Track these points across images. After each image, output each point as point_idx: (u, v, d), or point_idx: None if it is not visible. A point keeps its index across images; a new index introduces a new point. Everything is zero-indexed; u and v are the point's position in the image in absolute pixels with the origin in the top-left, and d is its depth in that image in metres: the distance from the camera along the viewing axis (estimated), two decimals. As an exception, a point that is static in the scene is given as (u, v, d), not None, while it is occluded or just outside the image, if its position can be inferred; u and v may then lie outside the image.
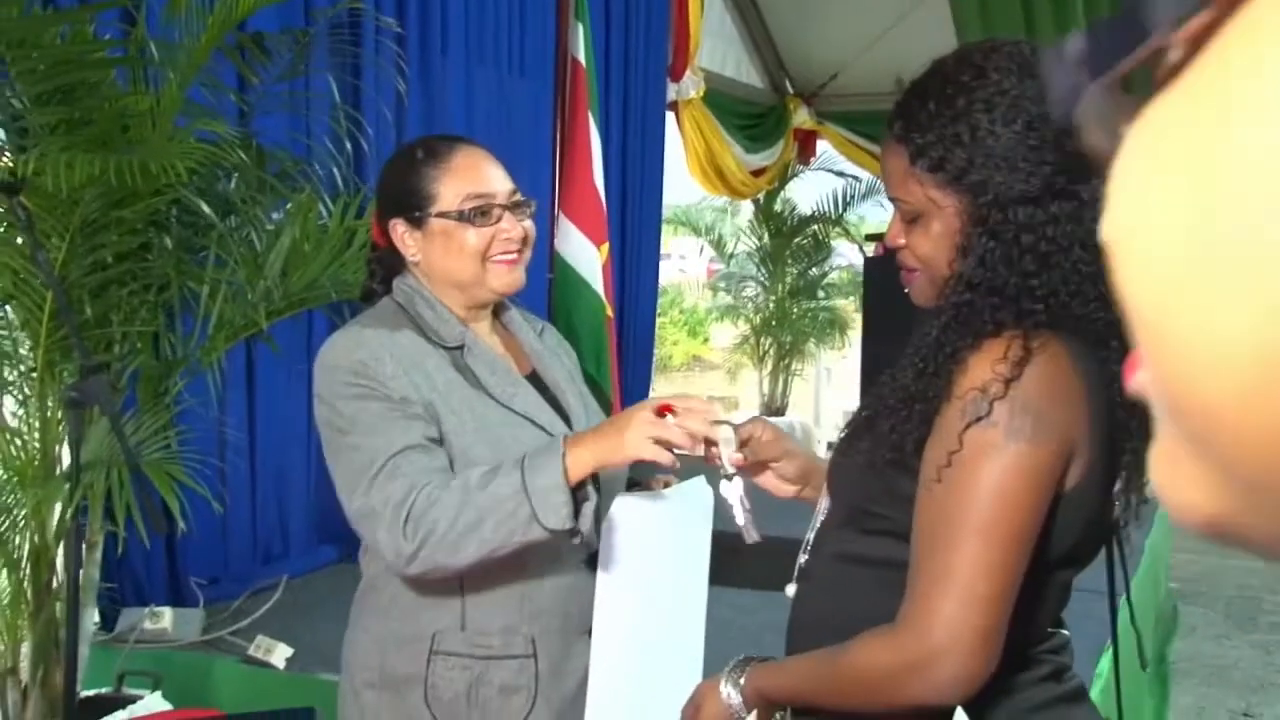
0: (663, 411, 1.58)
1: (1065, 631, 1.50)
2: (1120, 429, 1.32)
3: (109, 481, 2.37)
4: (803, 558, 1.53)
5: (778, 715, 1.49)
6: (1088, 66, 0.34)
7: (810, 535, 1.53)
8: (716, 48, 7.90)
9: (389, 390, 1.69)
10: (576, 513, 1.59)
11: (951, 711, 1.30)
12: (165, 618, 3.19)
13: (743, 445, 1.61)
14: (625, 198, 6.39)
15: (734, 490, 1.57)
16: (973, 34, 7.84)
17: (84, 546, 2.47)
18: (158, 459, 2.50)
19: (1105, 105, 0.33)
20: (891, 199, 1.41)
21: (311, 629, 3.29)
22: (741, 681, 1.49)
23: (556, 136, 5.54)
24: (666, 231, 9.00)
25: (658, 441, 1.56)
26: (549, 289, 5.33)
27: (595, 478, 1.65)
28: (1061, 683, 1.45)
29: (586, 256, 5.36)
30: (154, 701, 2.20)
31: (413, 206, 1.79)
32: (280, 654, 3.04)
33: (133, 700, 2.25)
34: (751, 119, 8.34)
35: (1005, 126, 1.29)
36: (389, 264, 1.87)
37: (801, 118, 8.90)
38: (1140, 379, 0.32)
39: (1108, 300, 1.20)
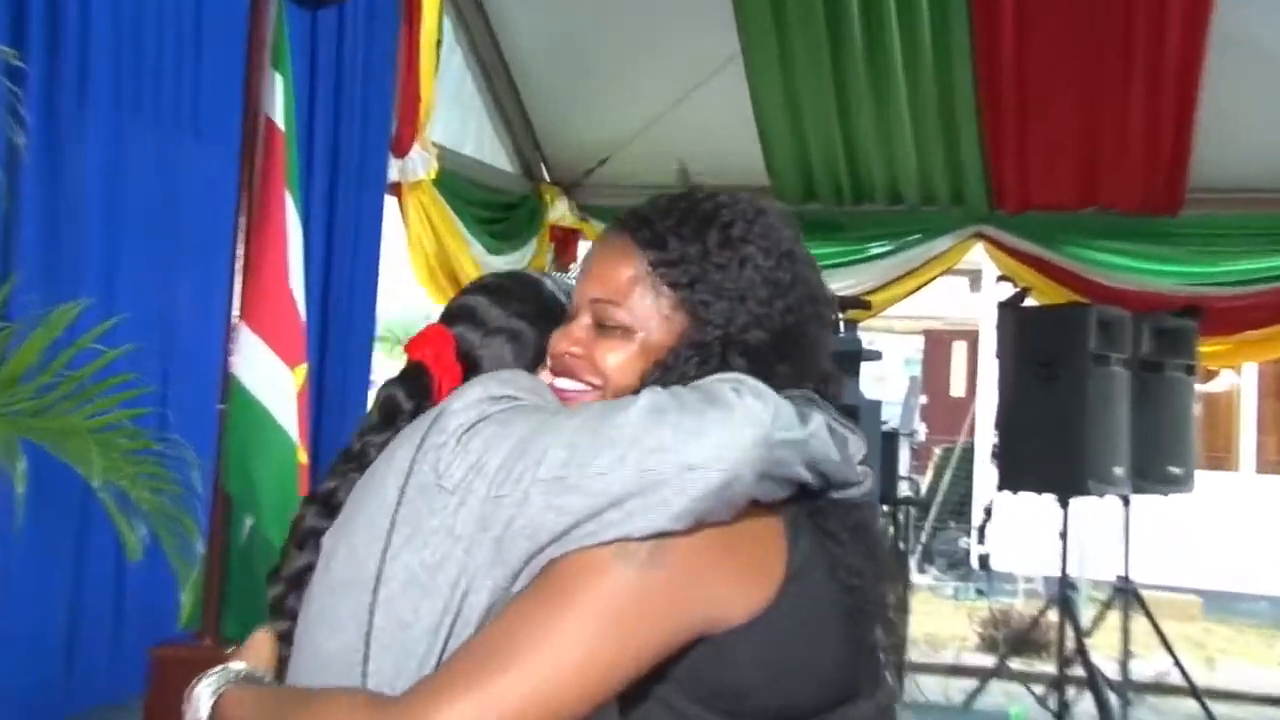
0: None
1: None
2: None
3: None
4: None
5: None
6: None
7: None
8: (454, 118, 5.97)
9: None
10: None
11: None
12: None
13: None
14: (328, 305, 4.73)
15: None
16: (772, 110, 6.23)
17: None
18: None
19: None
20: (599, 301, 1.19)
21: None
22: (215, 693, 1.24)
23: (241, 220, 3.61)
24: (381, 351, 6.54)
25: None
26: (219, 424, 3.30)
27: None
28: None
29: (275, 382, 3.50)
30: None
31: None
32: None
33: None
34: (497, 210, 6.33)
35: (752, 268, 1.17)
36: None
37: (560, 212, 6.73)
38: None
39: None
